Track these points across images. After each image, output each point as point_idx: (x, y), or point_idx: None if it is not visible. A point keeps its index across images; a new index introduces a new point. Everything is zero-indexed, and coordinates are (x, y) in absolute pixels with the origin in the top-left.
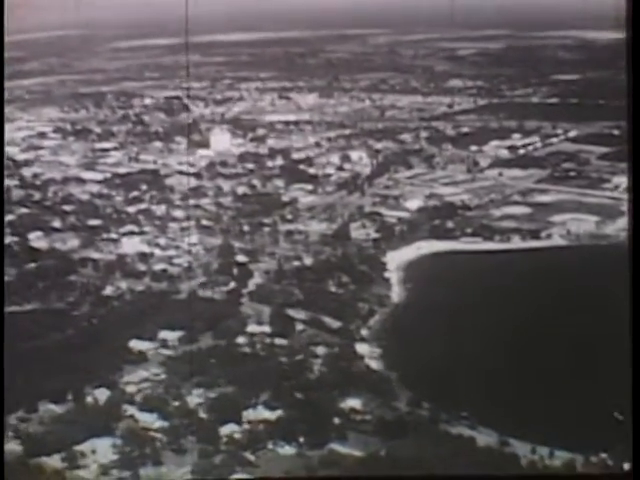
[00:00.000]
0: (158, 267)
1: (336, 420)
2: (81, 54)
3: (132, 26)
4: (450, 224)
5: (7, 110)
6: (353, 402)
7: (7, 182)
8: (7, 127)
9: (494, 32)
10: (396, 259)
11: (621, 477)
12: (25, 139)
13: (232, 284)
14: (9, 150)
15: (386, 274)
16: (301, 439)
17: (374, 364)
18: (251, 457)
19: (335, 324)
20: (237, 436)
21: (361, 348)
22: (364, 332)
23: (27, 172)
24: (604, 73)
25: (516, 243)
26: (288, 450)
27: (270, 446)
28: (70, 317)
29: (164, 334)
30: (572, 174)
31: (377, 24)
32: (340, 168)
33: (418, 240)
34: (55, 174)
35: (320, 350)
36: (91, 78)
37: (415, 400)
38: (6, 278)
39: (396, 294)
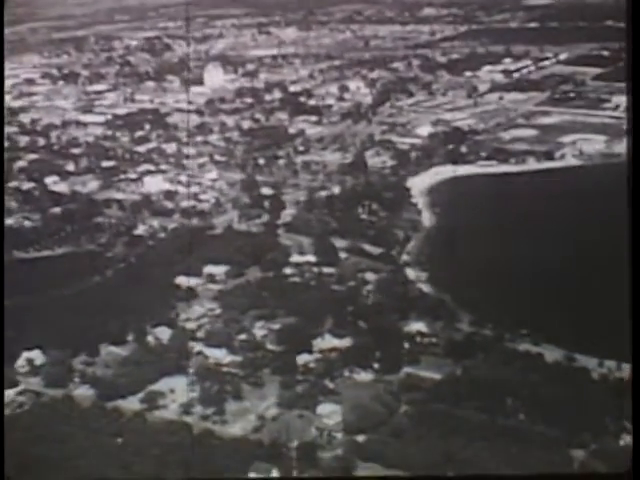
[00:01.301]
0: (186, 204)
1: (406, 344)
2: (45, 2)
3: None
4: (463, 149)
5: None
6: (417, 326)
7: (7, 129)
8: None
9: None
10: (418, 185)
11: (621, 477)
12: (15, 86)
13: (265, 216)
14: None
15: (412, 199)
16: (375, 365)
17: (425, 287)
18: (330, 385)
19: (376, 250)
20: (312, 365)
21: (409, 272)
22: (406, 257)
23: (25, 118)
24: None
25: (531, 164)
26: (365, 376)
27: (347, 373)
28: (105, 258)
29: (209, 269)
30: (571, 95)
31: None
32: (340, 98)
33: (434, 166)
34: (54, 119)
35: (369, 276)
36: (62, 24)
37: (476, 321)
38: (31, 223)
39: (427, 218)
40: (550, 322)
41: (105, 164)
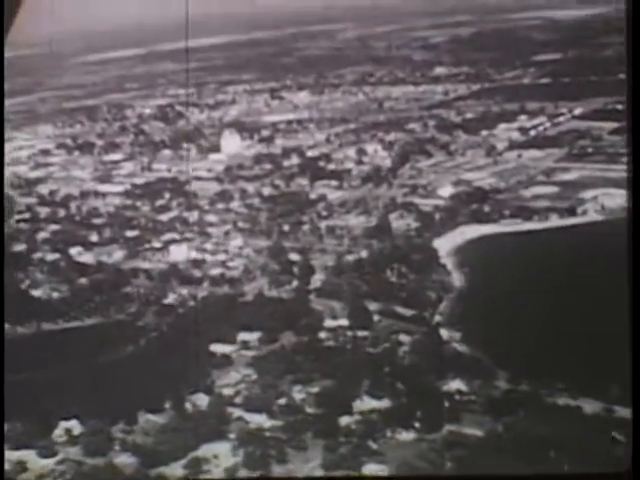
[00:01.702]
0: (214, 272)
1: (445, 403)
2: (50, 71)
3: (96, 39)
4: (486, 208)
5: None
6: (455, 384)
7: (26, 200)
8: (6, 147)
9: (461, 18)
10: (444, 245)
11: (621, 477)
12: (31, 157)
13: (295, 282)
14: (18, 169)
15: (441, 260)
16: (416, 424)
17: (460, 347)
18: (374, 446)
19: (408, 312)
20: (354, 427)
21: (443, 333)
22: (438, 318)
23: (43, 190)
24: (584, 51)
25: (555, 221)
26: (407, 435)
27: (389, 433)
28: (136, 328)
29: (243, 336)
30: (589, 150)
31: (343, 19)
32: (359, 162)
33: (459, 226)
34: (72, 189)
35: (403, 338)
36: (71, 94)
37: (513, 378)
38: (59, 295)
39: (456, 279)
40: (585, 375)
41: (129, 234)
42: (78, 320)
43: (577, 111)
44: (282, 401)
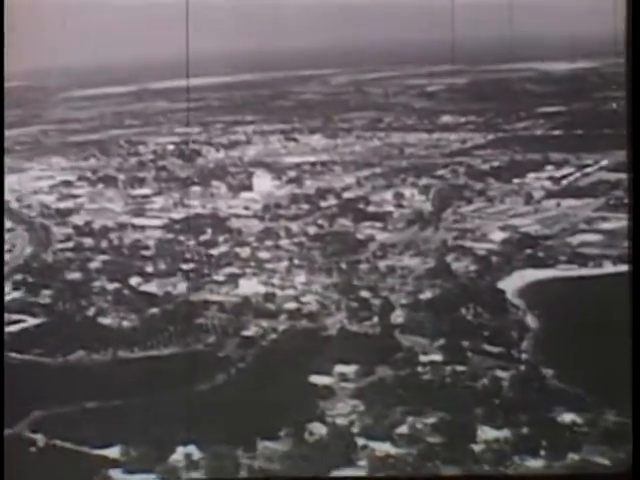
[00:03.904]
0: (289, 306)
1: (565, 433)
2: (44, 104)
3: (88, 75)
4: (540, 253)
5: (12, 161)
6: (569, 417)
7: (61, 230)
8: (22, 177)
9: (455, 67)
10: (508, 288)
11: (621, 477)
12: (53, 187)
13: (375, 318)
14: (43, 199)
15: (512, 301)
16: (542, 452)
17: (556, 383)
18: (509, 471)
19: (495, 350)
20: (482, 455)
21: (535, 370)
22: (525, 356)
23: (77, 220)
24: (587, 104)
25: (608, 268)
26: (535, 463)
27: (517, 461)
28: (219, 359)
29: (339, 368)
30: (625, 201)
31: (334, 64)
32: (398, 205)
33: (515, 270)
34: (106, 221)
35: (499, 373)
36: (71, 128)
37: (619, 412)
38: (129, 323)
39: (531, 320)
40: None
41: (184, 266)
42: (155, 349)
43: (603, 162)
44: (401, 430)
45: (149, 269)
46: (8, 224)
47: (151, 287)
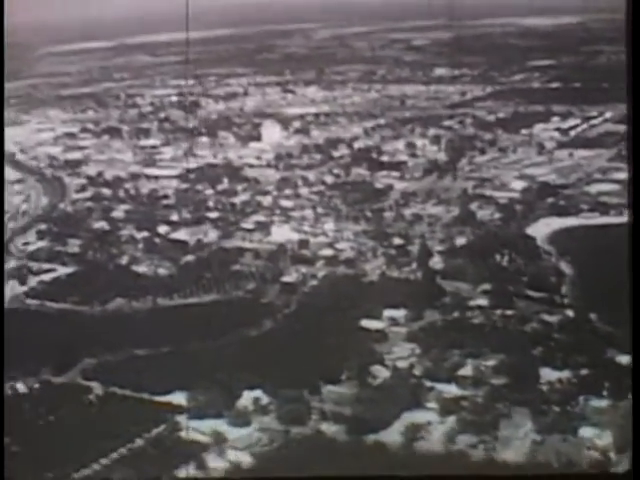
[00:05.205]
0: (324, 252)
1: (621, 373)
2: (27, 60)
3: (74, 29)
4: (561, 202)
5: (8, 113)
6: (624, 358)
7: (75, 181)
8: (21, 130)
9: (437, 22)
10: (537, 235)
11: (621, 477)
12: (57, 139)
13: (414, 264)
14: (50, 150)
15: (544, 247)
16: (604, 392)
17: (603, 326)
18: (576, 410)
19: (537, 294)
20: (548, 396)
21: (582, 313)
22: (567, 300)
23: (89, 171)
24: (579, 58)
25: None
26: (600, 403)
27: (582, 401)
28: (263, 305)
29: (388, 313)
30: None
31: (320, 18)
32: (412, 155)
33: (540, 218)
34: (118, 172)
35: (547, 317)
36: (60, 81)
37: None
38: (165, 271)
39: (565, 266)
40: None
41: (210, 215)
42: (195, 296)
43: (608, 115)
44: (464, 372)
45: (174, 218)
46: (17, 175)
47: (181, 235)
